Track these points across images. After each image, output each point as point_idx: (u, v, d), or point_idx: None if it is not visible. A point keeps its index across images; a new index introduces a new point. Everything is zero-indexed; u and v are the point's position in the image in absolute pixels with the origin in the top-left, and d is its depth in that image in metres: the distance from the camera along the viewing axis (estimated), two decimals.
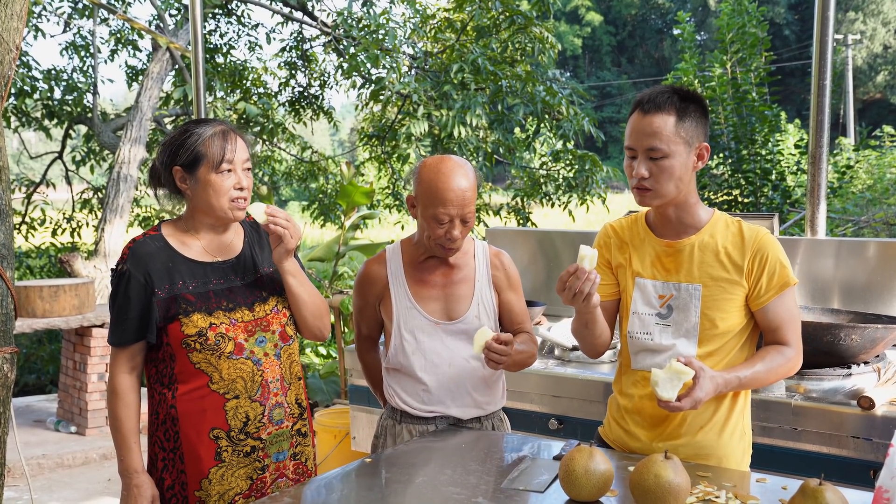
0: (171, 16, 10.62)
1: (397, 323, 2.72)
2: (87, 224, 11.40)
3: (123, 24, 10.92)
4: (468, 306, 2.72)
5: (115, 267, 2.45)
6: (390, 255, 2.80)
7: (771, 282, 2.34)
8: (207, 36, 11.08)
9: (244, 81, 11.00)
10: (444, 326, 2.71)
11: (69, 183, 11.60)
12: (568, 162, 9.99)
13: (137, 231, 11.09)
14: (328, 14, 10.64)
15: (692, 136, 2.32)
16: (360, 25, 9.79)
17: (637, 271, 2.46)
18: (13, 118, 10.53)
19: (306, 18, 10.78)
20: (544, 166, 10.44)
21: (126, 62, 11.48)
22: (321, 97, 11.59)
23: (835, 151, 12.52)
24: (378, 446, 2.84)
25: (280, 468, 2.51)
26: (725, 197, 11.02)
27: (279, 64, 11.37)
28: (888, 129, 12.86)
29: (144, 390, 2.56)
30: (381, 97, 9.34)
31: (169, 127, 11.01)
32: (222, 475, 2.41)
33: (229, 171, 2.43)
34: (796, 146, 11.09)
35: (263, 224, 2.44)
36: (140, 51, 11.29)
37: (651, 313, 2.42)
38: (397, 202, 10.66)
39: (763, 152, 10.73)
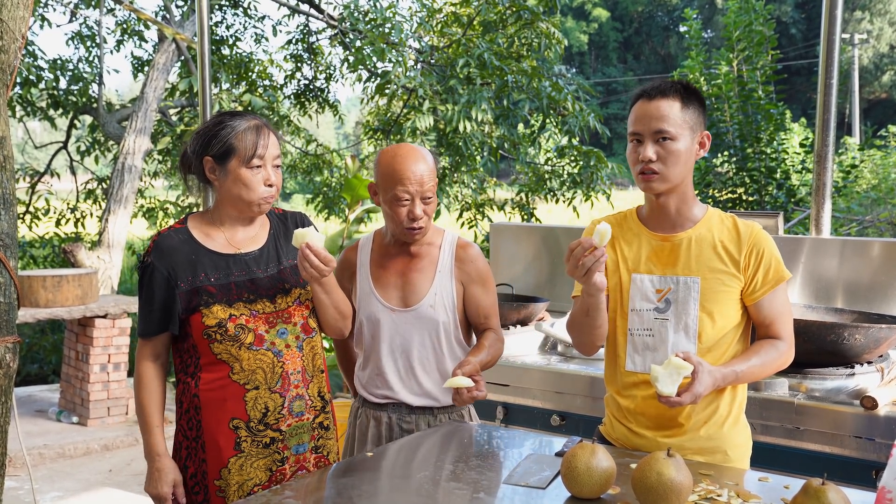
0: (177, 7, 10.63)
1: (358, 307, 2.78)
2: (92, 214, 11.40)
3: (130, 15, 10.90)
4: (425, 294, 2.73)
5: (140, 259, 2.50)
6: (363, 243, 2.87)
7: (766, 277, 2.36)
8: (213, 27, 11.07)
9: (250, 73, 10.99)
10: (399, 313, 2.74)
11: (74, 173, 11.60)
12: (573, 158, 9.97)
13: (141, 222, 11.11)
14: (334, 7, 10.63)
15: (695, 124, 2.36)
16: (367, 19, 9.78)
17: (632, 267, 2.46)
18: (18, 107, 10.51)
19: (312, 11, 10.77)
20: (549, 162, 10.43)
21: (132, 53, 11.46)
22: (327, 90, 11.58)
23: (840, 151, 12.51)
24: (348, 427, 2.91)
25: (300, 460, 2.52)
26: (730, 195, 11.03)
27: (285, 56, 11.36)
28: (893, 128, 12.84)
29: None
30: (387, 91, 9.32)
31: (174, 118, 11.00)
32: (241, 465, 2.43)
33: (259, 166, 2.45)
34: (801, 145, 11.08)
35: (299, 248, 2.42)
36: (146, 41, 11.28)
37: (649, 308, 2.42)
38: None
39: (768, 151, 10.73)
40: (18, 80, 9.80)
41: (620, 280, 2.47)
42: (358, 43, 9.60)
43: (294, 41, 11.26)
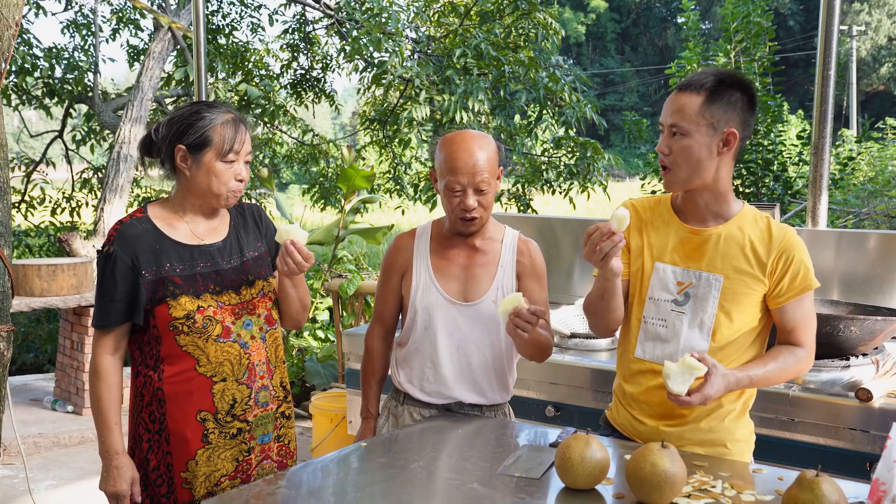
0: None
1: (414, 297, 2.71)
2: (87, 204, 11.37)
3: (125, 3, 10.87)
4: (487, 290, 2.69)
5: (100, 248, 2.44)
6: (420, 231, 2.80)
7: (793, 283, 2.32)
8: (210, 16, 11.03)
9: (246, 63, 10.96)
10: (460, 307, 2.69)
11: (69, 162, 11.57)
12: (569, 149, 9.96)
13: None
14: None
15: (719, 120, 2.28)
16: (363, 8, 9.75)
17: (657, 255, 2.43)
18: (13, 96, 10.48)
19: (309, 0, 10.73)
20: (546, 153, 10.42)
21: (127, 41, 11.43)
22: (323, 80, 11.55)
23: (837, 143, 12.50)
24: (380, 426, 2.84)
25: (265, 450, 2.52)
26: None
27: (281, 46, 11.33)
28: (891, 121, 12.84)
29: (127, 370, 2.55)
30: (384, 81, 9.30)
31: (170, 108, 10.97)
32: (209, 457, 2.42)
33: (233, 160, 2.44)
34: (798, 137, 11.06)
35: (283, 244, 2.43)
36: (142, 30, 11.25)
37: (667, 299, 2.40)
38: (398, 186, 10.64)
39: (765, 143, 10.71)
40: (14, 68, 9.76)
41: (643, 266, 2.45)
42: (354, 33, 9.57)
43: (290, 31, 11.22)
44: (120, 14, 11.02)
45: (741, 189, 10.83)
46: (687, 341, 2.37)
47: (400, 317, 2.88)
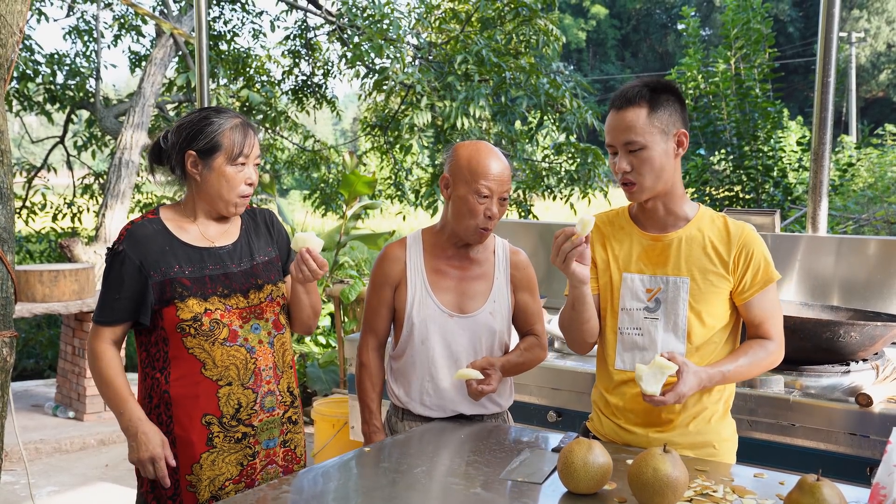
0: (175, 1, 10.60)
1: (410, 309, 2.70)
2: (88, 209, 11.39)
3: (127, 9, 10.89)
4: (483, 302, 2.70)
5: (111, 246, 2.46)
6: (411, 242, 2.78)
7: (755, 277, 2.37)
8: (211, 23, 11.05)
9: (248, 69, 10.98)
10: (457, 319, 2.69)
11: (70, 168, 11.58)
12: (570, 155, 9.98)
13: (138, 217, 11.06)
14: (333, 3, 10.61)
15: (667, 125, 2.34)
16: (365, 15, 9.78)
17: (623, 266, 2.46)
18: (15, 102, 10.49)
19: (311, 7, 10.76)
20: (546, 159, 10.43)
21: (129, 47, 11.46)
22: (324, 86, 11.57)
23: (837, 149, 12.53)
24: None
25: (270, 455, 2.53)
26: (727, 193, 11.03)
27: (283, 52, 11.34)
28: (890, 127, 12.87)
29: (132, 376, 2.56)
30: (385, 87, 9.32)
31: (171, 113, 10.99)
32: (213, 460, 2.42)
33: (243, 164, 2.47)
34: (798, 143, 11.09)
35: (298, 252, 2.45)
36: (144, 36, 11.27)
37: (639, 307, 2.43)
38: (399, 192, 10.65)
39: (765, 149, 10.73)
40: (15, 74, 9.78)
41: (611, 279, 2.47)
42: (356, 39, 9.59)
43: (292, 37, 11.24)
44: (122, 20, 11.04)
45: (741, 195, 10.85)
46: (664, 346, 2.40)
47: (391, 328, 2.85)
